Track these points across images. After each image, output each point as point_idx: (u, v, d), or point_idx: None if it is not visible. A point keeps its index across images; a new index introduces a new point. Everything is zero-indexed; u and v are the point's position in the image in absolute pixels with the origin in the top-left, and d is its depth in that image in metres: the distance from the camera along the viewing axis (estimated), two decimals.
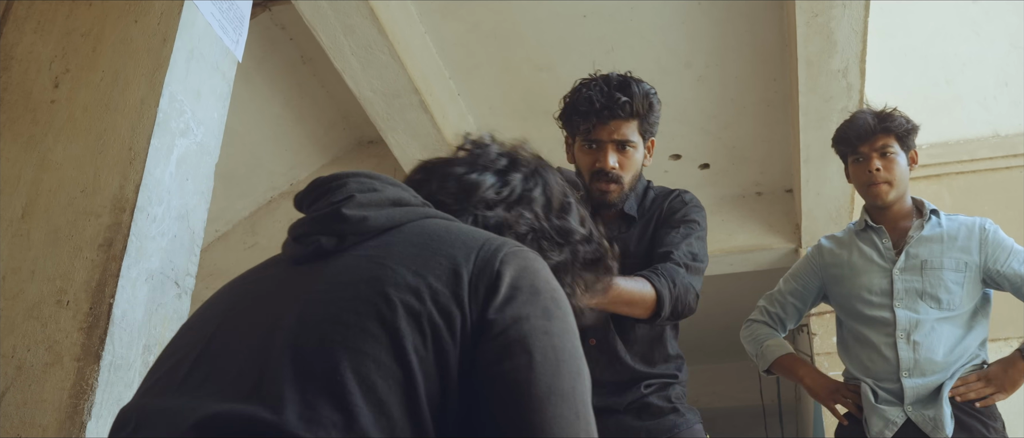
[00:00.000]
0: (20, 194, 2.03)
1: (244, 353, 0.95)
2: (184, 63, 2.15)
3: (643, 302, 1.91)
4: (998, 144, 5.04)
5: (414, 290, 0.94)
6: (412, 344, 0.90)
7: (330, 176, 1.11)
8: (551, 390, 0.92)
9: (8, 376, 1.81)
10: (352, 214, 1.04)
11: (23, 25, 2.28)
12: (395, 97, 4.11)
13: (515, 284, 0.98)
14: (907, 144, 2.59)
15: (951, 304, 2.46)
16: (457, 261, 0.98)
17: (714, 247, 5.40)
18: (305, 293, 0.99)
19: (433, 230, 1.05)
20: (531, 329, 0.95)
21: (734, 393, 7.85)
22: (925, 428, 2.38)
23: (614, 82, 2.10)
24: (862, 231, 2.66)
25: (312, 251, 1.05)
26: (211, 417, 0.87)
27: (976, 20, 5.24)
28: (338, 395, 0.86)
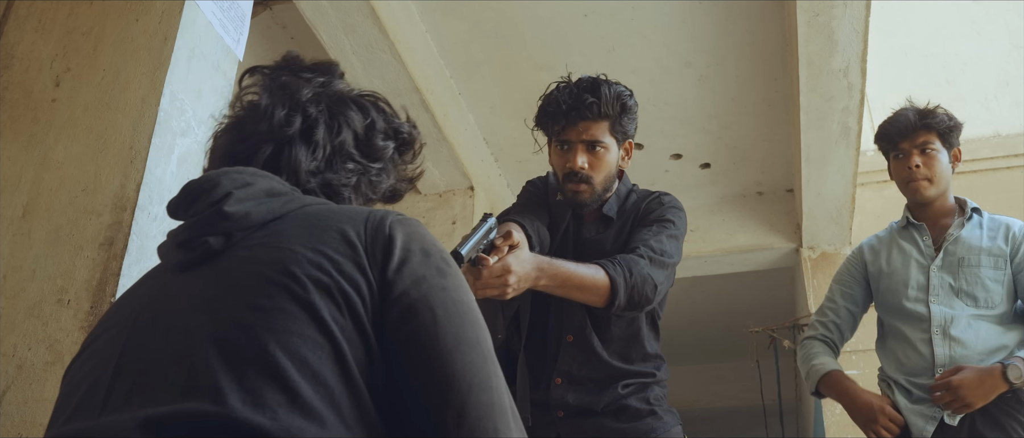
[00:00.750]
0: (21, 193, 2.03)
1: (165, 360, 0.95)
2: (185, 62, 2.15)
3: (595, 288, 1.92)
4: (999, 144, 5.04)
5: (317, 265, 0.98)
6: (330, 315, 0.94)
7: (202, 177, 1.12)
8: (458, 339, 0.99)
9: (9, 375, 1.81)
10: (234, 210, 1.06)
11: (24, 24, 2.28)
12: (396, 96, 4.11)
13: (407, 246, 1.04)
14: (949, 142, 2.58)
15: (989, 302, 2.44)
16: (348, 233, 1.03)
17: (714, 247, 5.42)
18: (209, 292, 1.00)
19: (316, 212, 1.08)
20: (430, 288, 1.01)
21: (735, 393, 7.84)
22: (960, 431, 2.36)
23: (584, 84, 2.13)
24: (903, 228, 2.65)
25: (200, 253, 1.06)
26: (155, 419, 0.87)
27: (977, 20, 5.24)
28: (275, 374, 0.89)
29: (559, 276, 1.87)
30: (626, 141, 2.20)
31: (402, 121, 1.29)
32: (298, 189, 1.15)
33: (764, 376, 6.00)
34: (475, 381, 0.97)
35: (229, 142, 1.20)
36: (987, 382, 2.31)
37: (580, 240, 2.20)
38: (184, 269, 1.07)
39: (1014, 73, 5.15)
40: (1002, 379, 2.29)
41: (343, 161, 1.20)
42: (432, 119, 4.26)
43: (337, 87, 1.27)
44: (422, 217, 4.94)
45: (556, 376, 2.11)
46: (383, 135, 1.25)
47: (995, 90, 5.17)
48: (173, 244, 1.10)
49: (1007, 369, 2.29)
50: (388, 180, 1.27)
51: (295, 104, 1.20)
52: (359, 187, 1.23)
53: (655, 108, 4.68)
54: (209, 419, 0.86)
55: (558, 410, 2.09)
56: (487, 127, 4.81)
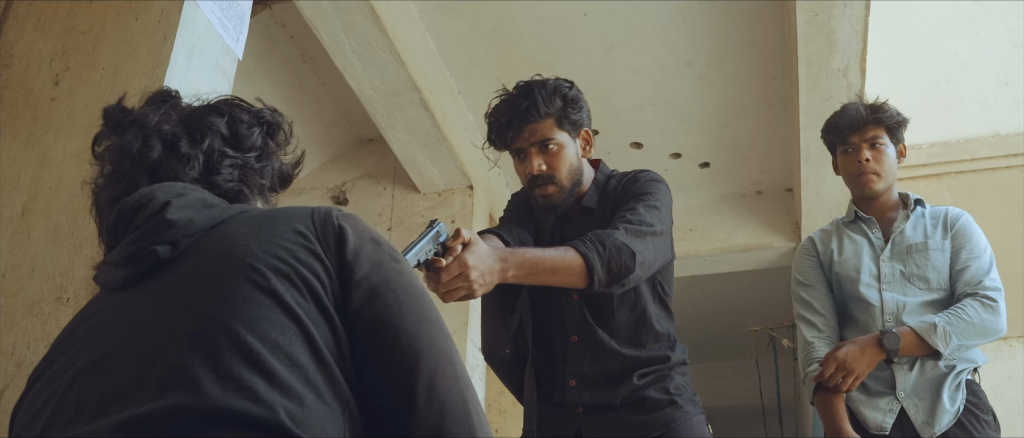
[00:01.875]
0: (20, 191, 2.03)
1: (133, 365, 0.94)
2: (184, 61, 2.15)
3: (568, 268, 1.89)
4: (998, 143, 5.04)
5: (273, 254, 1.00)
6: (293, 299, 0.97)
7: (134, 195, 1.10)
8: (421, 318, 1.04)
9: (8, 373, 1.81)
10: (178, 217, 1.06)
11: (23, 23, 2.28)
12: (395, 95, 4.11)
13: (359, 236, 1.08)
14: (897, 137, 2.60)
15: (940, 285, 2.47)
16: (297, 226, 1.05)
17: (713, 246, 5.43)
18: (168, 296, 1.00)
19: (258, 214, 1.11)
20: (388, 272, 1.06)
21: (734, 392, 7.85)
22: (916, 420, 2.36)
23: (518, 90, 2.13)
24: (851, 222, 2.68)
25: (149, 264, 1.05)
26: (135, 419, 0.87)
27: (976, 20, 5.23)
28: (249, 359, 0.91)
29: (527, 263, 1.85)
30: (580, 130, 2.18)
31: (262, 108, 1.30)
32: (225, 200, 1.16)
33: (763, 375, 6.00)
34: (441, 355, 1.02)
35: (110, 194, 1.17)
36: (868, 351, 2.36)
37: (565, 237, 2.19)
38: (132, 284, 1.06)
39: (1013, 73, 5.15)
40: (878, 347, 2.35)
41: (219, 161, 1.19)
42: (431, 118, 4.26)
43: (183, 103, 1.26)
44: (421, 216, 4.94)
45: (569, 379, 2.09)
46: (247, 125, 1.25)
47: (994, 90, 5.17)
48: (116, 263, 1.08)
49: (884, 337, 2.34)
50: (271, 165, 1.27)
51: (147, 132, 1.18)
52: (247, 180, 1.22)
53: (654, 107, 4.69)
54: (191, 411, 0.87)
55: (578, 406, 2.08)
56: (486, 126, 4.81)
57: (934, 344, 2.32)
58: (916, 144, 5.17)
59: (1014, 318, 4.58)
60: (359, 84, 4.06)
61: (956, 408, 2.36)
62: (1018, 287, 4.51)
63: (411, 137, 4.46)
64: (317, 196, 5.23)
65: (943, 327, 2.33)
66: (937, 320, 2.35)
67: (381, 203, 5.07)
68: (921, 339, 2.34)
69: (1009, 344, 4.52)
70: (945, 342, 2.33)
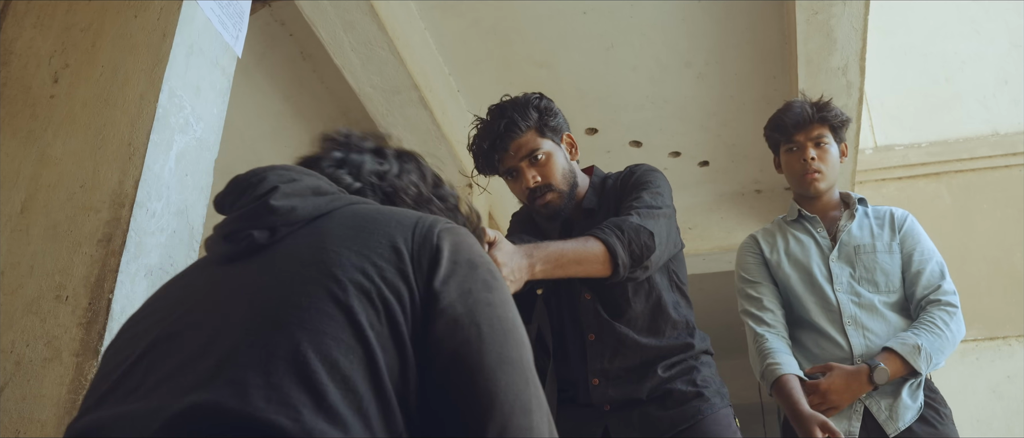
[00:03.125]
0: (19, 189, 2.03)
1: (197, 349, 0.94)
2: (184, 59, 2.15)
3: (593, 256, 1.90)
4: (997, 142, 5.04)
5: (360, 269, 0.97)
6: (367, 320, 0.93)
7: (249, 172, 1.13)
8: (502, 358, 0.97)
9: (7, 372, 1.81)
10: (280, 205, 1.06)
11: (23, 20, 2.27)
12: (395, 93, 4.11)
13: (454, 258, 1.02)
14: (840, 136, 2.61)
15: (889, 286, 2.47)
16: (396, 239, 1.01)
17: (713, 244, 5.43)
18: (250, 285, 1.00)
19: (364, 213, 1.07)
20: (475, 302, 0.99)
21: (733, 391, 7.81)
22: (879, 417, 2.36)
23: (491, 114, 2.17)
24: (795, 221, 2.66)
25: (245, 246, 1.05)
26: (179, 414, 0.86)
27: (976, 19, 5.24)
28: (303, 374, 0.87)
29: (552, 256, 1.85)
30: (562, 135, 2.21)
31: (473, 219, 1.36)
32: (345, 191, 1.16)
33: None
34: (517, 403, 0.95)
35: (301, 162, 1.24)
36: (853, 386, 2.34)
37: None
38: (227, 261, 1.07)
39: (1013, 72, 5.15)
40: (867, 381, 2.33)
41: (408, 174, 1.25)
42: (431, 116, 4.26)
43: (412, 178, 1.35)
44: None
45: (591, 378, 2.09)
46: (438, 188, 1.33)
47: (994, 89, 5.18)
48: (218, 236, 1.10)
49: (874, 372, 2.32)
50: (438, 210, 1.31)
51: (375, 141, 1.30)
52: (419, 200, 1.26)
53: (654, 106, 4.69)
54: (230, 415, 0.85)
55: (604, 404, 2.08)
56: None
57: (918, 367, 2.32)
58: (915, 143, 5.18)
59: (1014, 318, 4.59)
60: (358, 82, 4.06)
61: (917, 404, 2.36)
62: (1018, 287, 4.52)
63: (410, 135, 4.46)
64: None
65: (926, 350, 2.33)
66: (919, 341, 2.34)
67: None
68: (905, 362, 2.33)
69: (1008, 344, 4.52)
70: (927, 364, 2.33)
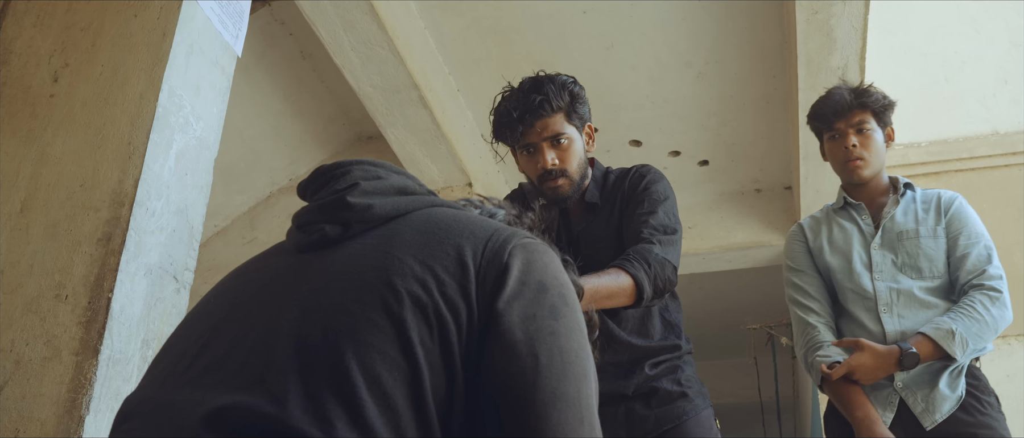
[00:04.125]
0: (19, 188, 2.03)
1: (247, 344, 0.93)
2: (184, 58, 2.15)
3: (622, 291, 1.93)
4: (997, 142, 5.04)
5: (421, 281, 0.93)
6: (418, 336, 0.89)
7: (334, 164, 1.10)
8: (556, 395, 0.91)
9: (7, 370, 1.81)
10: (357, 202, 1.03)
11: (22, 19, 2.28)
12: (395, 93, 4.11)
13: (523, 279, 0.96)
14: (884, 120, 2.55)
15: (933, 272, 2.42)
16: (464, 252, 0.97)
17: (712, 244, 5.42)
18: (309, 283, 0.98)
19: (440, 218, 1.04)
20: (537, 330, 0.94)
21: (733, 390, 7.86)
22: (915, 409, 2.32)
23: (527, 86, 2.14)
24: (841, 209, 2.63)
25: (317, 239, 1.03)
26: (216, 411, 0.86)
27: (976, 18, 5.24)
28: (343, 388, 0.85)
29: (588, 295, 1.86)
30: (585, 126, 2.21)
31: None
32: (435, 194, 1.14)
33: (761, 373, 6.01)
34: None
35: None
36: (882, 366, 2.29)
37: (572, 234, 2.22)
38: (299, 251, 1.05)
39: (1013, 71, 5.15)
40: (896, 364, 2.28)
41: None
42: (430, 115, 4.26)
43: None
44: None
45: None
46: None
47: (994, 88, 5.17)
48: (294, 224, 1.08)
49: (904, 355, 2.26)
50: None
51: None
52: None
53: (654, 105, 4.69)
54: (265, 420, 0.84)
55: None
56: (486, 124, 4.79)
57: (953, 352, 2.25)
58: (915, 142, 5.18)
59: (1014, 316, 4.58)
60: (358, 81, 4.06)
61: (957, 395, 2.30)
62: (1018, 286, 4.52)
63: (410, 135, 4.46)
64: None
65: (961, 335, 2.26)
66: (954, 327, 2.27)
67: None
68: (937, 346, 2.27)
69: (1007, 342, 4.52)
70: (962, 349, 2.26)
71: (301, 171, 5.35)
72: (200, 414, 0.86)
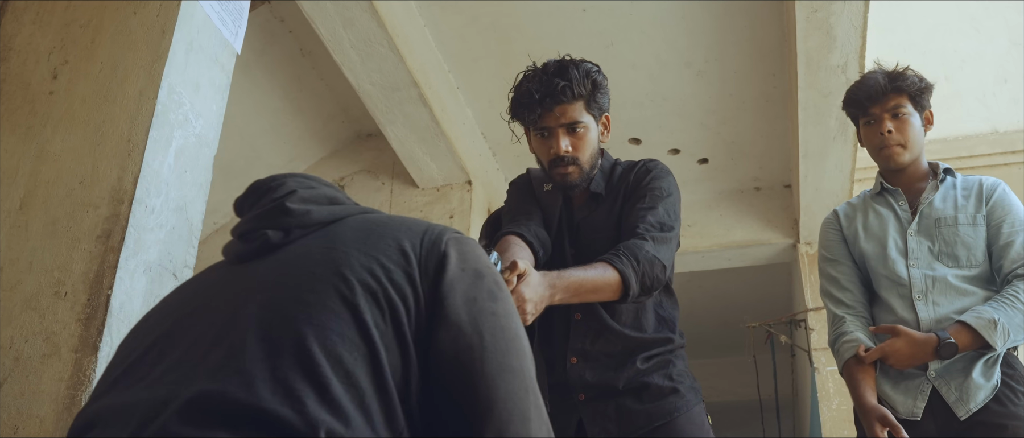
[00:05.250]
0: (18, 185, 2.03)
1: (207, 340, 0.97)
2: (183, 55, 2.15)
3: (608, 286, 1.92)
4: (997, 140, 5.04)
5: (369, 270, 0.99)
6: (372, 319, 0.95)
7: (268, 177, 1.18)
8: (502, 367, 0.99)
9: (6, 367, 1.81)
10: (296, 207, 1.10)
11: (22, 16, 2.27)
12: (394, 90, 4.11)
13: (461, 266, 1.05)
14: (921, 104, 2.47)
15: (971, 261, 2.36)
16: (404, 243, 1.04)
17: (712, 242, 5.42)
18: (260, 282, 1.03)
19: (375, 219, 1.11)
20: (479, 311, 1.02)
21: (732, 388, 7.86)
22: (948, 398, 2.25)
23: (552, 69, 2.13)
24: (877, 194, 2.56)
25: (259, 245, 1.09)
26: (187, 403, 0.89)
27: (975, 16, 5.24)
28: (307, 368, 0.90)
29: (571, 287, 1.87)
30: (603, 116, 2.20)
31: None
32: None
33: (761, 371, 6.01)
34: (515, 412, 0.97)
35: None
36: (918, 354, 2.24)
37: (573, 222, 2.21)
38: (241, 260, 1.10)
39: (1012, 70, 5.15)
40: (933, 352, 2.22)
41: None
42: (430, 113, 4.26)
43: None
44: (420, 211, 4.94)
45: (570, 356, 2.10)
46: None
47: (993, 87, 5.17)
48: (234, 236, 1.14)
49: (941, 344, 2.21)
50: None
51: None
52: None
53: (653, 103, 4.69)
54: (237, 404, 0.88)
55: (579, 393, 2.08)
56: (485, 121, 4.81)
57: (993, 342, 2.19)
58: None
59: None
60: (358, 79, 4.06)
61: (992, 384, 2.23)
62: None
63: (410, 132, 4.46)
64: None
65: (1004, 325, 2.20)
66: (996, 316, 2.20)
67: (379, 198, 5.07)
68: (977, 336, 2.20)
69: None
70: (1004, 340, 2.20)
71: (301, 168, 5.35)
72: (173, 408, 0.89)
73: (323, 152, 5.35)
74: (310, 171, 5.34)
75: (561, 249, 2.18)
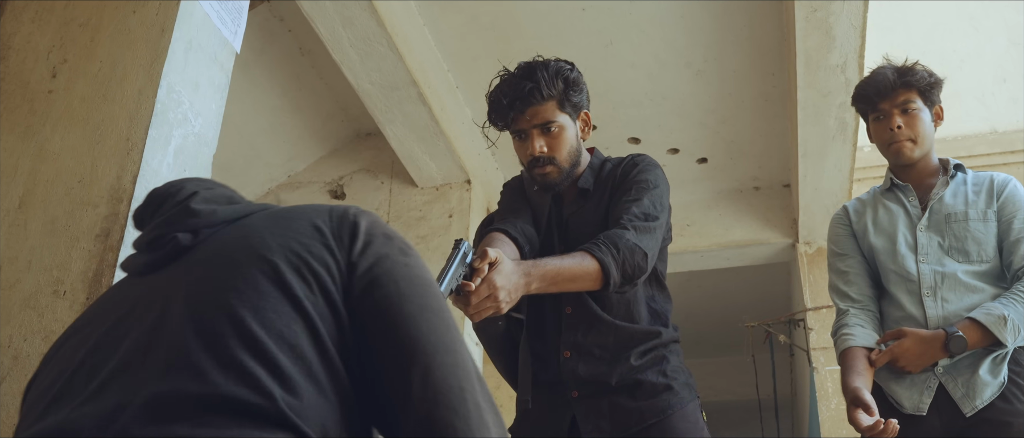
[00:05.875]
0: (17, 184, 2.03)
1: (141, 348, 0.97)
2: (182, 54, 2.15)
3: (587, 275, 1.92)
4: (996, 140, 5.04)
5: (287, 248, 1.02)
6: (302, 292, 0.98)
7: (165, 184, 1.18)
8: (422, 307, 1.03)
9: (4, 366, 1.81)
10: (202, 208, 1.11)
11: (21, 15, 2.27)
12: (393, 89, 4.11)
13: (371, 231, 1.09)
14: (931, 99, 2.46)
15: (982, 256, 2.34)
16: (316, 221, 1.07)
17: (711, 241, 5.43)
18: (181, 282, 1.03)
19: (281, 210, 1.13)
20: (392, 264, 1.06)
21: (731, 388, 7.86)
22: (954, 394, 2.24)
23: (520, 71, 2.16)
24: (887, 190, 2.55)
25: (170, 250, 1.09)
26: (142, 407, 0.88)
27: (974, 16, 5.24)
28: (254, 348, 0.92)
29: (548, 275, 1.87)
30: (580, 113, 2.20)
31: None
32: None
33: (760, 371, 6.01)
34: (439, 344, 1.00)
35: None
36: (927, 352, 2.24)
37: (562, 219, 2.21)
38: (152, 269, 1.10)
39: (1011, 70, 5.15)
40: (942, 349, 2.22)
41: None
42: (429, 112, 4.26)
43: None
44: (419, 211, 4.94)
45: (564, 349, 2.09)
46: None
47: (992, 87, 5.18)
48: (140, 246, 1.13)
49: (950, 340, 2.20)
50: None
51: None
52: None
53: (652, 102, 4.69)
54: (193, 398, 0.88)
55: (572, 390, 2.07)
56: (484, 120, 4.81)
57: (1004, 339, 2.17)
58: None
59: None
60: (357, 78, 4.06)
61: (999, 381, 2.22)
62: None
63: (409, 131, 4.46)
64: (314, 190, 5.22)
65: (1014, 321, 2.18)
66: (1006, 312, 2.19)
67: (379, 197, 5.07)
68: (987, 332, 2.19)
69: None
70: (1014, 336, 2.18)
71: (300, 167, 5.35)
72: (128, 415, 0.88)
73: (322, 151, 5.35)
74: (309, 170, 5.34)
75: (550, 246, 2.18)
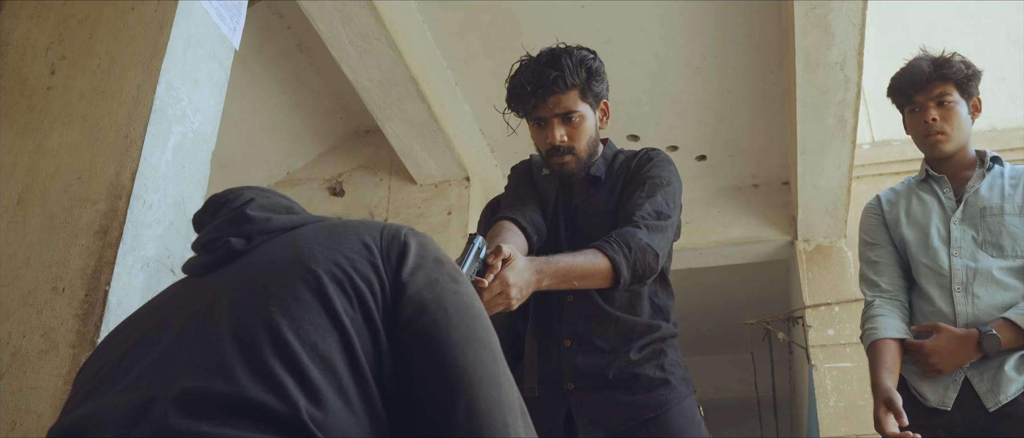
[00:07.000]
0: (16, 181, 2.03)
1: (181, 345, 0.99)
2: (181, 51, 2.14)
3: (598, 273, 1.92)
4: (995, 138, 5.04)
5: (333, 262, 1.03)
6: (342, 306, 0.98)
7: (225, 190, 1.21)
8: (470, 337, 1.02)
9: (3, 363, 1.81)
10: (256, 214, 1.14)
11: (19, 11, 2.27)
12: (392, 86, 4.11)
13: (421, 253, 1.09)
14: (968, 91, 2.42)
15: (1016, 251, 2.30)
16: (365, 238, 1.08)
17: (710, 239, 5.43)
18: (228, 286, 1.05)
19: (333, 224, 1.15)
20: (442, 290, 1.06)
21: (730, 385, 7.86)
22: (979, 389, 2.22)
23: (544, 59, 2.12)
24: (922, 181, 2.53)
25: (222, 253, 1.12)
26: (172, 400, 0.91)
27: (974, 15, 5.24)
28: (285, 356, 0.93)
29: (559, 273, 1.87)
30: (600, 103, 2.19)
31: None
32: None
33: (758, 369, 6.02)
34: (486, 377, 1.00)
35: None
36: (960, 351, 2.23)
37: (570, 206, 2.20)
38: (206, 270, 1.13)
39: (1011, 68, 5.16)
40: (976, 348, 2.20)
41: None
42: (428, 109, 4.26)
43: None
44: (418, 208, 4.94)
45: (564, 338, 2.08)
46: None
47: (992, 85, 5.17)
48: (196, 248, 1.17)
49: (983, 338, 2.19)
50: None
51: None
52: None
53: (651, 100, 4.68)
54: (221, 397, 0.90)
55: (569, 382, 2.05)
56: (483, 117, 4.81)
57: None
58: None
59: None
60: (356, 75, 4.05)
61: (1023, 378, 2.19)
62: None
63: (408, 128, 4.46)
64: (313, 187, 5.22)
65: None
66: None
67: (377, 195, 5.07)
68: (1021, 332, 2.17)
69: None
70: None
71: (298, 164, 5.35)
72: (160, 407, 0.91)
73: (321, 148, 5.34)
74: (308, 167, 5.34)
75: (557, 233, 2.17)
